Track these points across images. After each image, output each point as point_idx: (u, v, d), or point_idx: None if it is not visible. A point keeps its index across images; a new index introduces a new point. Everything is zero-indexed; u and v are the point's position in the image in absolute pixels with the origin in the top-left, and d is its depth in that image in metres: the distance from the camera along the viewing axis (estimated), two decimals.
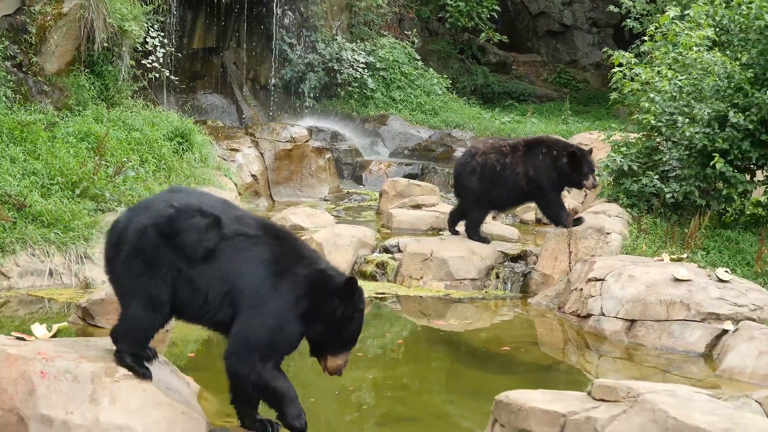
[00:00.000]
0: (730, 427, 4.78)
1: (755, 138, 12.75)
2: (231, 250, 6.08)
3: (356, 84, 23.21)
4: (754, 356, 8.60)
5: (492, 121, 24.10)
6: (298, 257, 6.21)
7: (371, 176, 19.77)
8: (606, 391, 5.14)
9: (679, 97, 13.67)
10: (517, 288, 12.08)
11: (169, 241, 6.02)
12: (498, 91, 28.98)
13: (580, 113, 27.03)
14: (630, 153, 13.74)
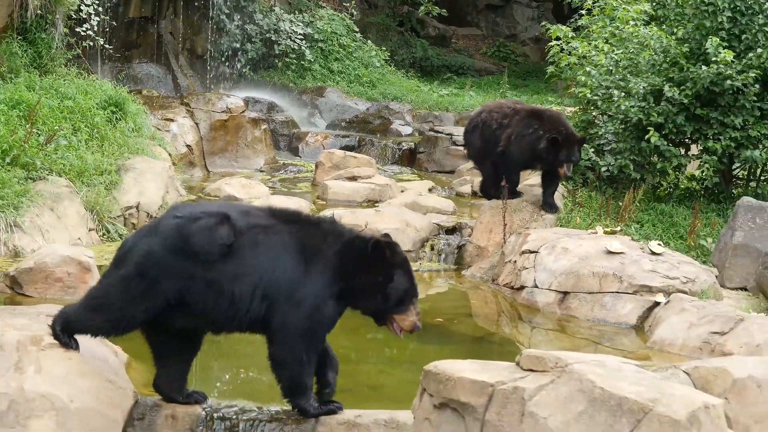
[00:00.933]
0: (657, 397, 4.80)
1: (690, 112, 12.84)
2: (250, 243, 5.97)
3: (294, 55, 23.08)
4: (684, 328, 8.66)
5: (430, 94, 24.10)
6: (320, 237, 6.13)
7: (308, 148, 19.68)
8: (534, 362, 5.15)
9: (615, 71, 13.76)
10: (451, 260, 12.08)
11: (180, 251, 5.90)
12: (437, 65, 28.97)
13: (518, 87, 27.11)
14: None
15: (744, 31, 12.94)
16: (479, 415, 5.01)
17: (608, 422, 4.77)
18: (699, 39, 13.01)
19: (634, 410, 4.75)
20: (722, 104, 12.73)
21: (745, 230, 10.95)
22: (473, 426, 5.04)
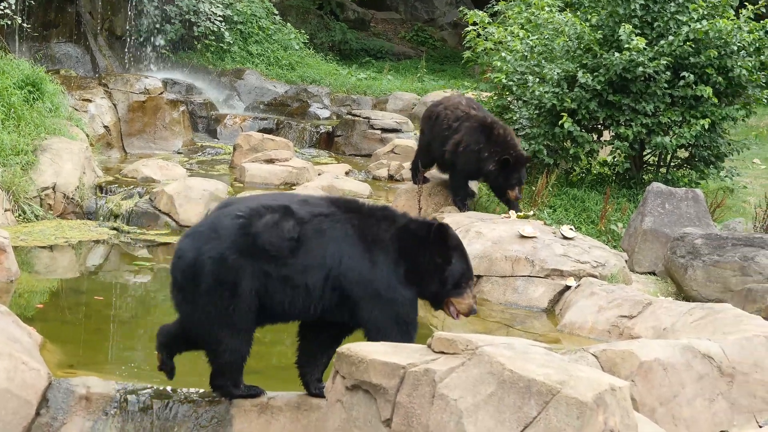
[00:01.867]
0: (565, 379, 4.85)
1: (602, 99, 13.04)
2: (314, 233, 5.92)
3: (213, 37, 22.93)
4: (594, 312, 8.79)
5: (348, 77, 24.13)
6: (377, 225, 6.11)
7: (226, 130, 19.61)
8: (445, 344, 5.19)
9: (530, 57, 13.90)
10: None
11: (250, 251, 5.81)
12: (356, 48, 28.98)
13: (436, 71, 27.24)
14: None
15: (656, 19, 13.18)
16: (391, 397, 5.05)
17: (517, 404, 4.82)
18: (612, 26, 13.20)
19: (543, 392, 4.81)
20: (634, 91, 12.95)
21: (655, 215, 11.17)
22: (385, 408, 5.08)
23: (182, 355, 6.40)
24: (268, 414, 6.00)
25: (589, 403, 4.78)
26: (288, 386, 6.41)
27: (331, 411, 5.44)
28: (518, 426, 4.81)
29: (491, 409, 4.85)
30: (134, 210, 12.60)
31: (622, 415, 4.97)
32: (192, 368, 6.49)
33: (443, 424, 4.85)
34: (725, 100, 13.36)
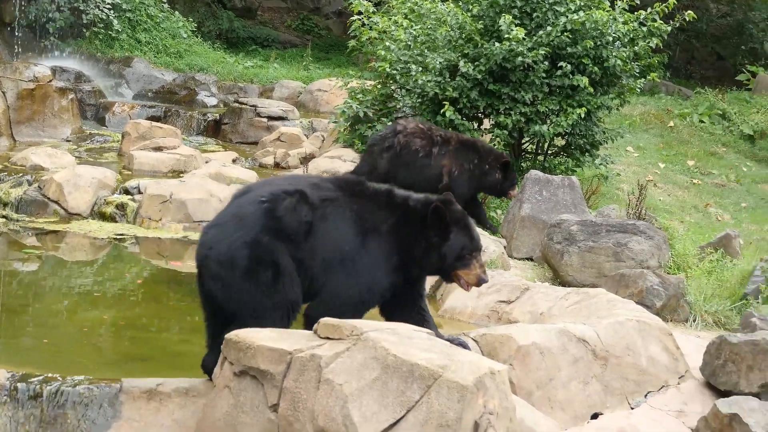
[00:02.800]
0: (446, 364, 4.94)
1: (483, 87, 13.25)
2: (321, 218, 6.05)
3: (102, 25, 22.64)
4: (473, 297, 8.85)
5: (236, 65, 24.08)
6: (378, 211, 6.23)
7: (114, 118, 19.42)
8: (331, 330, 5.27)
9: (413, 46, 14.05)
10: None
11: (276, 233, 5.91)
12: (243, 36, 28.84)
13: (321, 60, 27.27)
14: (366, 100, 14.07)
15: (535, 10, 13.43)
16: (278, 383, 5.12)
17: (400, 388, 4.91)
18: (493, 16, 13.41)
19: (425, 376, 4.90)
20: (513, 80, 13.19)
21: (533, 202, 11.40)
22: (272, 393, 5.15)
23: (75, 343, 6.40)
24: (157, 400, 5.99)
25: (469, 386, 4.88)
26: (177, 372, 6.46)
27: (219, 396, 5.48)
28: (401, 410, 4.90)
29: (375, 394, 4.93)
30: (23, 198, 12.46)
31: (501, 398, 5.09)
32: (82, 355, 6.52)
33: (328, 408, 4.93)
34: (600, 89, 13.69)
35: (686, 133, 23.18)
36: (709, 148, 22.50)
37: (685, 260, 10.44)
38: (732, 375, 7.13)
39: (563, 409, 6.60)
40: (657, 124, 23.38)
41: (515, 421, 5.30)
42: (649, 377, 7.16)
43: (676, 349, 7.47)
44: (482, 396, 4.98)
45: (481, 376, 5.00)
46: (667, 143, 21.92)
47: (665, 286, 9.00)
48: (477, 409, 4.96)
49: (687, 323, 9.03)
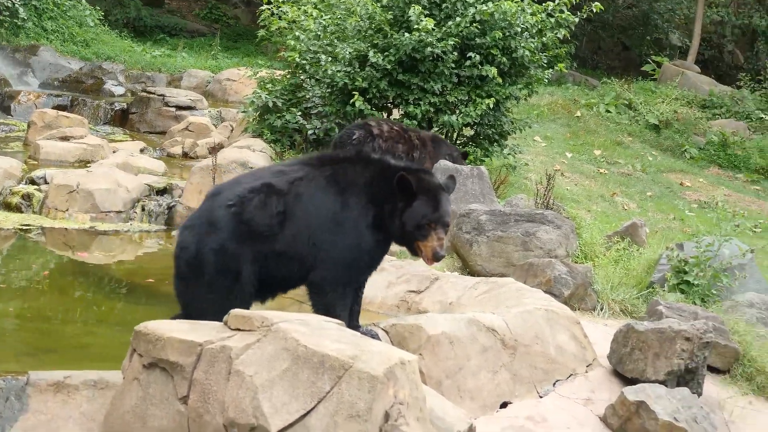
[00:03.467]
0: (357, 354, 4.93)
1: (393, 77, 13.26)
2: (294, 200, 6.15)
3: (7, 13, 22.25)
4: (383, 287, 8.88)
5: (143, 54, 23.86)
6: (351, 171, 6.34)
7: (20, 107, 19.12)
8: (241, 321, 5.23)
9: (323, 36, 14.01)
10: (162, 221, 12.10)
11: (247, 236, 6.04)
12: (150, 25, 28.59)
13: (230, 49, 27.14)
14: (275, 90, 13.99)
15: (444, 0, 13.47)
16: (188, 375, 5.07)
17: (311, 379, 4.89)
18: (402, 7, 13.43)
19: (335, 367, 4.88)
20: (423, 70, 13.22)
21: None
22: (182, 385, 5.09)
23: None
24: (65, 393, 5.89)
25: (380, 377, 4.88)
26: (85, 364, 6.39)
27: (127, 389, 5.41)
28: (312, 400, 4.87)
29: (286, 385, 4.91)
30: None
31: (411, 388, 5.08)
32: None
33: (239, 400, 4.89)
34: (509, 79, 13.79)
35: (593, 122, 23.47)
36: (615, 138, 22.81)
37: (592, 249, 10.53)
38: (639, 363, 7.21)
39: (472, 398, 6.62)
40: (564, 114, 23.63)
41: (425, 411, 5.27)
42: (558, 366, 7.22)
43: (584, 338, 7.54)
44: (393, 386, 4.97)
45: (392, 366, 4.99)
46: (574, 133, 22.16)
47: (573, 275, 9.07)
48: (387, 399, 4.95)
49: (594, 312, 9.10)
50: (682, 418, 6.61)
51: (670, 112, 24.85)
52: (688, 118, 24.92)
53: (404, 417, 5.00)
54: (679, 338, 7.14)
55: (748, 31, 35.26)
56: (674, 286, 9.44)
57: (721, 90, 28.45)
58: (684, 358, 7.13)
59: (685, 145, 23.47)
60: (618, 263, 10.22)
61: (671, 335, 7.15)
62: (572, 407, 6.92)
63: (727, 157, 23.34)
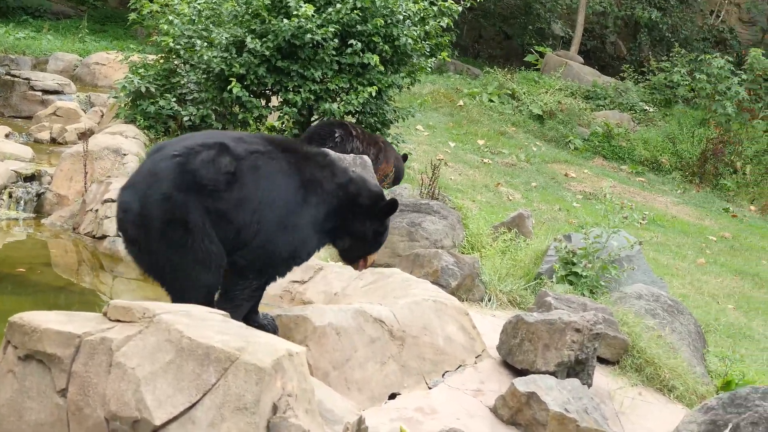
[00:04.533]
0: (243, 346, 4.85)
1: (271, 64, 13.07)
2: (250, 169, 6.01)
3: None
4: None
5: (6, 36, 23.18)
6: (318, 171, 6.33)
7: None
8: (122, 312, 5.08)
9: (198, 21, 13.74)
10: (30, 208, 11.70)
11: (191, 187, 5.85)
12: (12, 6, 27.83)
13: (98, 32, 26.60)
14: (148, 75, 13.68)
15: None
16: (66, 367, 4.88)
17: (196, 371, 4.78)
18: None
19: (221, 359, 4.79)
20: (303, 57, 13.05)
21: None
22: (60, 378, 4.90)
23: None
24: None
25: (267, 368, 4.80)
26: None
27: (2, 382, 5.17)
28: (197, 393, 4.76)
29: (170, 377, 4.79)
30: None
31: (299, 379, 5.02)
32: None
33: (121, 392, 4.74)
34: (391, 68, 13.72)
35: (476, 112, 23.63)
36: (498, 128, 23.00)
37: (479, 240, 10.53)
38: (529, 354, 7.23)
39: (360, 390, 6.57)
40: (447, 104, 23.74)
41: (314, 403, 5.22)
42: (447, 357, 7.22)
43: (472, 329, 7.54)
44: (281, 378, 4.91)
45: (279, 358, 4.91)
46: (457, 122, 22.26)
47: (460, 265, 9.02)
48: (275, 391, 4.88)
49: (482, 303, 9.07)
50: (573, 409, 6.61)
51: (553, 103, 25.17)
52: (572, 108, 25.27)
53: (293, 409, 4.93)
54: (570, 330, 7.16)
55: (630, 22, 35.97)
56: (562, 277, 9.48)
57: (605, 81, 28.94)
58: (574, 349, 7.16)
59: (570, 136, 23.78)
60: (505, 254, 10.23)
61: (561, 327, 7.15)
62: (462, 398, 6.91)
63: (612, 149, 23.72)
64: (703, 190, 22.86)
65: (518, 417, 6.65)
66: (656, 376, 8.14)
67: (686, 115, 25.90)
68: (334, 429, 5.37)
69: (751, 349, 10.66)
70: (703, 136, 24.11)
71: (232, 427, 4.75)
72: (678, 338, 8.86)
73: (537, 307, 8.34)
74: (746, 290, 14.16)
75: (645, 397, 7.87)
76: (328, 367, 6.49)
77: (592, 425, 6.65)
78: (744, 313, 12.62)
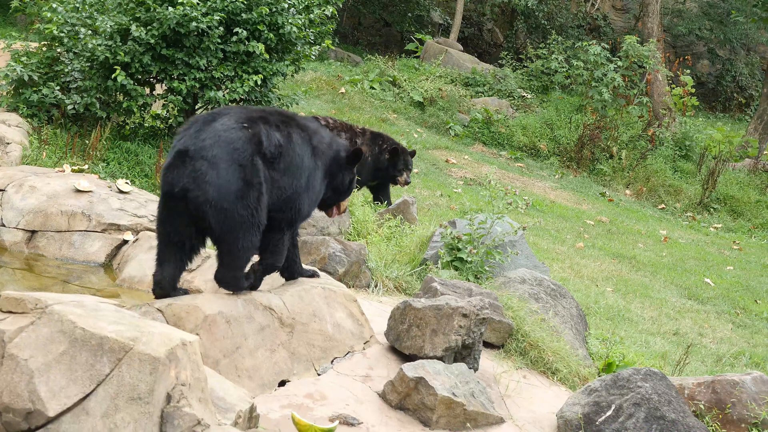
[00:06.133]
0: (137, 336, 4.87)
1: (156, 52, 12.97)
2: (287, 138, 6.92)
3: None
4: (152, 266, 8.74)
5: None
6: (318, 136, 7.31)
7: None
8: (13, 303, 5.07)
9: (81, 9, 13.58)
10: None
11: (258, 156, 6.64)
12: None
13: None
14: (31, 63, 13.46)
15: None
16: None
17: (89, 362, 4.79)
18: None
19: (115, 349, 4.81)
20: (188, 45, 12.97)
21: None
22: None
23: None
24: None
25: (161, 358, 4.84)
26: None
27: None
28: (91, 384, 4.78)
29: (63, 368, 4.80)
30: None
31: (192, 368, 5.07)
32: None
33: (14, 384, 4.75)
34: (276, 56, 13.72)
35: (357, 99, 23.69)
36: (380, 115, 23.09)
37: (364, 227, 10.62)
38: (417, 339, 7.31)
39: (250, 377, 6.64)
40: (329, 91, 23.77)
41: (207, 392, 5.29)
42: (336, 343, 7.30)
43: (361, 315, 7.62)
44: (174, 368, 4.96)
45: (173, 347, 4.97)
46: (339, 110, 22.32)
47: (347, 252, 9.10)
48: (169, 381, 4.93)
49: (369, 289, 9.17)
50: (461, 393, 6.75)
51: (434, 90, 25.33)
52: (452, 95, 25.46)
53: (186, 398, 4.98)
54: (457, 315, 7.27)
55: (507, 9, 36.27)
56: (448, 263, 9.61)
57: (484, 68, 29.19)
58: (461, 334, 7.28)
59: (450, 123, 23.98)
60: (390, 240, 10.34)
61: (449, 312, 7.27)
62: (351, 384, 6.99)
63: (491, 135, 23.99)
64: (580, 175, 23.30)
65: (407, 402, 6.76)
66: (540, 359, 8.33)
67: (563, 102, 26.30)
68: (226, 417, 5.42)
69: (630, 331, 10.92)
70: (580, 122, 24.52)
71: (126, 417, 4.78)
72: (561, 321, 9.06)
73: (423, 293, 8.45)
74: (624, 273, 14.51)
75: (529, 379, 8.03)
76: (218, 355, 6.52)
77: (479, 408, 6.82)
78: (622, 295, 12.93)
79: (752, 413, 7.54)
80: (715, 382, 7.79)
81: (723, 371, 9.74)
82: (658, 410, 6.80)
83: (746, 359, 10.81)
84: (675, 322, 12.04)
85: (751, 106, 35.93)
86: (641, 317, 11.93)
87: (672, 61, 30.28)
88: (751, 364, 10.61)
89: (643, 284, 13.99)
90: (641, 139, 24.44)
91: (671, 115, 26.11)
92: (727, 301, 13.95)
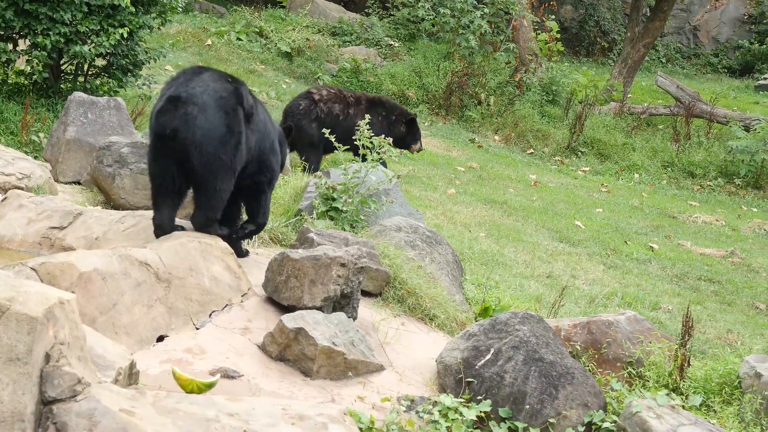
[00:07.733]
0: (13, 296, 4.78)
1: (19, 7, 12.69)
2: (256, 103, 7.75)
3: None
4: (23, 224, 8.53)
5: None
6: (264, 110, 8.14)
7: None
8: None
9: None
10: None
11: (242, 107, 7.35)
12: None
13: None
14: None
15: None
16: None
17: None
18: None
19: None
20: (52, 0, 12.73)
21: (78, 125, 11.08)
22: None
23: None
24: None
25: (39, 318, 4.77)
26: None
27: None
28: None
29: None
30: None
31: (71, 327, 5.02)
32: None
33: None
34: (142, 8, 13.53)
35: (224, 51, 23.50)
36: (248, 66, 22.95)
37: None
38: (295, 290, 7.35)
39: (128, 334, 6.59)
40: (195, 43, 23.51)
41: (86, 350, 5.24)
42: (213, 297, 7.30)
43: (238, 268, 7.63)
44: (53, 327, 4.90)
45: (51, 306, 4.90)
46: (206, 62, 22.09)
47: None
48: (48, 340, 4.87)
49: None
50: (340, 342, 6.82)
51: (301, 40, 25.22)
52: (320, 45, 25.37)
53: (66, 357, 4.94)
54: (335, 265, 7.33)
55: None
56: (323, 213, 9.64)
57: (351, 17, 29.11)
58: (340, 284, 7.34)
59: (318, 73, 23.92)
60: None
61: (327, 262, 7.32)
62: (230, 337, 7.00)
63: (360, 84, 23.97)
64: (449, 122, 23.49)
65: (287, 353, 6.80)
66: (418, 305, 8.43)
67: (431, 50, 26.40)
68: (106, 374, 5.38)
69: (505, 275, 11.11)
70: (448, 69, 24.65)
71: (4, 378, 4.71)
72: (437, 268, 9.17)
73: (300, 244, 8.48)
74: (496, 218, 14.72)
75: (408, 326, 8.13)
76: (95, 312, 6.46)
77: (359, 357, 6.90)
78: (495, 240, 13.12)
79: (627, 352, 7.78)
80: (591, 322, 8.02)
81: (596, 312, 9.99)
82: (537, 352, 6.96)
83: (618, 299, 11.10)
84: (548, 265, 12.28)
85: (614, 51, 36.55)
86: (515, 261, 12.14)
87: (537, 7, 30.55)
88: (623, 304, 10.90)
89: (515, 228, 14.22)
90: (509, 85, 24.69)
91: (537, 61, 26.42)
92: (597, 243, 14.27)
